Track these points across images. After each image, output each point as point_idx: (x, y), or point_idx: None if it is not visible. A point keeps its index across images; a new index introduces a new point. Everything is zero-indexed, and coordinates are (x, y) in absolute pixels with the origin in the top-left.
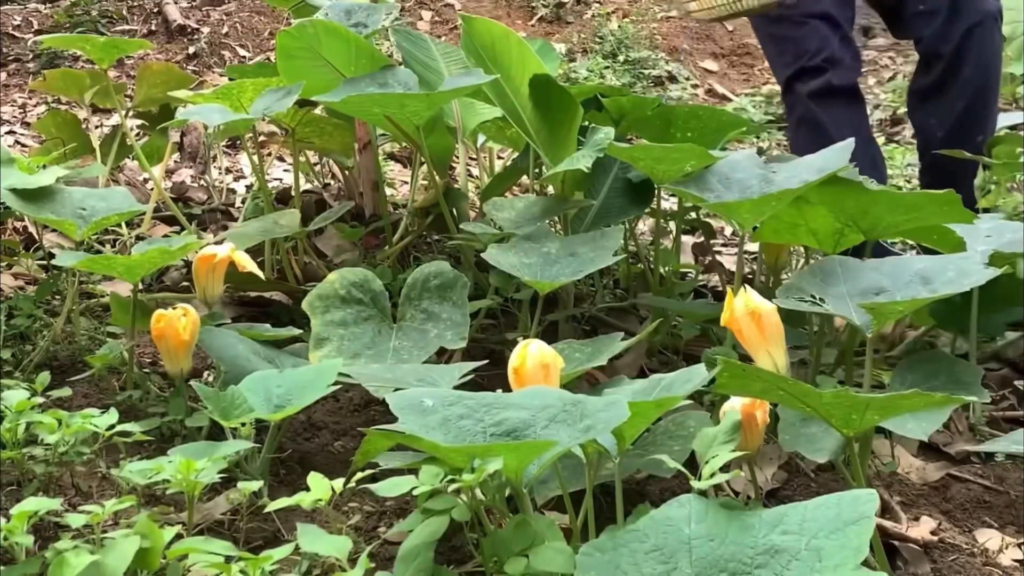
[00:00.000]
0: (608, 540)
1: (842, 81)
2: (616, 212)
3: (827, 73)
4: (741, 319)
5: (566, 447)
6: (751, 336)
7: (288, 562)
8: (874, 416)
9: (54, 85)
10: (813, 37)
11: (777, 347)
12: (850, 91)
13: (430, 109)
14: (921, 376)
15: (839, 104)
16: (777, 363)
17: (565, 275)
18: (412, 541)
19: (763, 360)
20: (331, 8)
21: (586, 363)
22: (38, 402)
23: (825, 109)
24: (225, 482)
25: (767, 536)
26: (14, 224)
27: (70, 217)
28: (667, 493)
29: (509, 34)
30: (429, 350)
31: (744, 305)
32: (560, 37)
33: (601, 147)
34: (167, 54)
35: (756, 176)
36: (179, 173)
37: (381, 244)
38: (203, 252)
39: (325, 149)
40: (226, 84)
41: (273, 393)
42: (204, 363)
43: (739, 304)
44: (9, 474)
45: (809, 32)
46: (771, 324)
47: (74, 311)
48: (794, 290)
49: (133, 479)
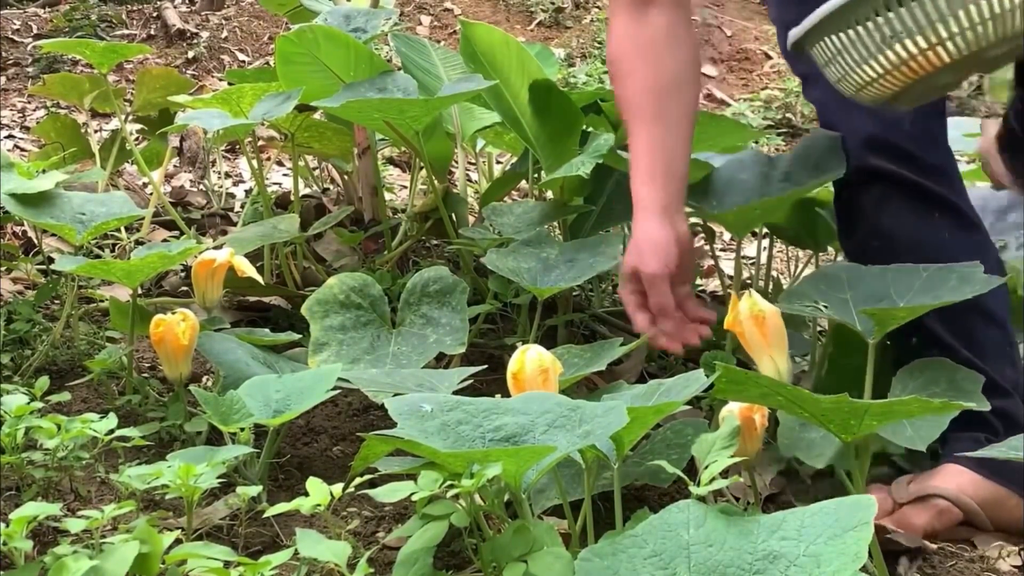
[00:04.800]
0: (607, 546)
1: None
2: (617, 217)
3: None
4: (744, 322)
5: (565, 452)
6: (754, 340)
7: (287, 567)
8: (872, 422)
9: (53, 89)
10: None
11: (780, 352)
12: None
13: (429, 114)
14: (921, 383)
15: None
16: (780, 368)
17: (564, 280)
18: (411, 546)
19: (765, 364)
20: (330, 13)
21: (585, 368)
22: (37, 407)
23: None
24: (224, 487)
25: (765, 542)
26: (13, 229)
27: (69, 222)
28: (666, 499)
29: (509, 39)
30: (428, 355)
31: (748, 308)
32: (559, 42)
33: (600, 153)
34: (166, 58)
35: (758, 176)
36: (178, 178)
37: (380, 249)
38: (202, 257)
39: (324, 154)
40: (225, 89)
41: (272, 398)
42: (203, 368)
43: (743, 307)
44: (8, 479)
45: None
46: (775, 328)
47: (73, 316)
48: (797, 295)
49: (132, 484)
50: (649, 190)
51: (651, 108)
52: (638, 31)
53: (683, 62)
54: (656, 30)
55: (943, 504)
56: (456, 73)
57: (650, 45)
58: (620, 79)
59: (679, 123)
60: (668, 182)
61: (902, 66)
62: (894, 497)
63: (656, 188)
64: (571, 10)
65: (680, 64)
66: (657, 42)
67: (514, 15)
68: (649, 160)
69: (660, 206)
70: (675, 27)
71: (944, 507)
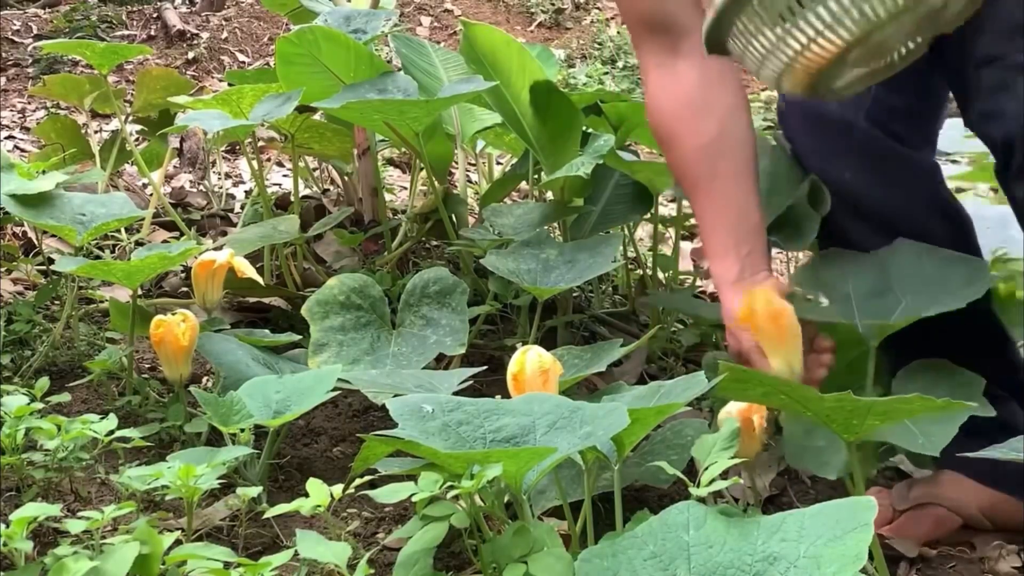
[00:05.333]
0: (607, 547)
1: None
2: (617, 218)
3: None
4: (760, 317)
5: (566, 453)
6: (768, 336)
7: (287, 568)
8: (875, 422)
9: (54, 90)
10: None
11: (794, 350)
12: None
13: (429, 115)
14: (921, 386)
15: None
16: (793, 366)
17: (564, 281)
18: (411, 547)
19: (778, 362)
20: (330, 14)
21: (585, 369)
22: (37, 407)
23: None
24: (224, 488)
25: (765, 543)
26: (13, 229)
27: (69, 222)
28: (666, 500)
29: (509, 40)
30: (428, 356)
31: (764, 304)
32: (559, 43)
33: (600, 153)
34: (166, 59)
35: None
36: (178, 178)
37: (380, 250)
38: (202, 258)
39: (324, 155)
40: (226, 90)
41: (272, 399)
42: (203, 369)
43: (759, 302)
44: (8, 480)
45: None
46: (790, 326)
47: (73, 316)
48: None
49: (132, 485)
50: (723, 265)
51: (704, 172)
52: (672, 90)
53: (726, 112)
54: (690, 85)
55: (942, 512)
56: (456, 74)
57: (687, 105)
58: (665, 145)
59: (737, 178)
60: (740, 247)
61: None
62: (894, 505)
63: (729, 261)
64: (571, 11)
65: (723, 115)
66: (693, 100)
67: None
68: (715, 230)
69: (735, 279)
70: (709, 76)
71: (943, 515)
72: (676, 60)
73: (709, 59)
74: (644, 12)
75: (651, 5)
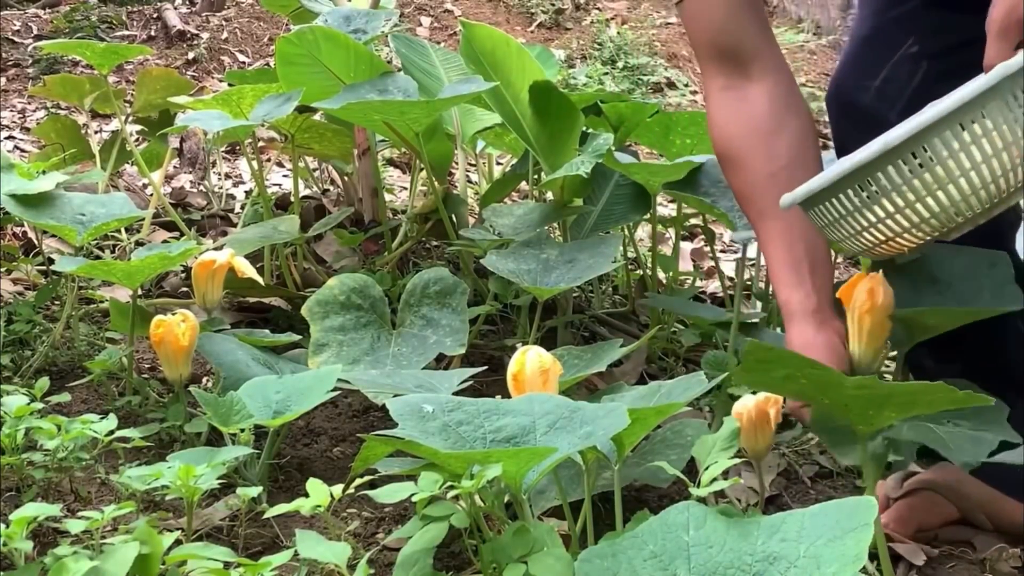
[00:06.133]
0: (607, 547)
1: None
2: (617, 218)
3: None
4: (857, 298)
5: (566, 453)
6: (858, 319)
7: (287, 568)
8: (892, 414)
9: (54, 90)
10: None
11: (873, 342)
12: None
13: (430, 116)
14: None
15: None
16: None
17: (564, 281)
18: (411, 547)
19: (858, 345)
20: (330, 14)
21: (585, 369)
22: (37, 407)
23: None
24: (224, 488)
25: (766, 543)
26: (13, 229)
27: (69, 223)
28: (666, 500)
29: (509, 41)
30: (428, 356)
31: (868, 289)
32: (559, 43)
33: (600, 153)
34: (167, 60)
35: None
36: (178, 179)
37: (380, 250)
38: (202, 258)
39: (324, 155)
40: (226, 90)
41: (272, 399)
42: (203, 369)
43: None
44: (8, 480)
45: None
46: (880, 319)
47: (73, 316)
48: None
49: (132, 485)
50: (798, 295)
51: (775, 199)
52: (740, 114)
53: (796, 137)
54: (759, 109)
55: (938, 499)
56: (456, 74)
57: (755, 130)
58: (731, 170)
59: None
60: (815, 277)
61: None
62: (888, 494)
63: (805, 291)
64: (571, 11)
65: (793, 140)
66: (762, 124)
67: (514, 16)
68: (787, 259)
69: (812, 310)
70: (778, 99)
71: (939, 502)
72: (745, 84)
73: (778, 82)
74: (713, 36)
75: (720, 29)
